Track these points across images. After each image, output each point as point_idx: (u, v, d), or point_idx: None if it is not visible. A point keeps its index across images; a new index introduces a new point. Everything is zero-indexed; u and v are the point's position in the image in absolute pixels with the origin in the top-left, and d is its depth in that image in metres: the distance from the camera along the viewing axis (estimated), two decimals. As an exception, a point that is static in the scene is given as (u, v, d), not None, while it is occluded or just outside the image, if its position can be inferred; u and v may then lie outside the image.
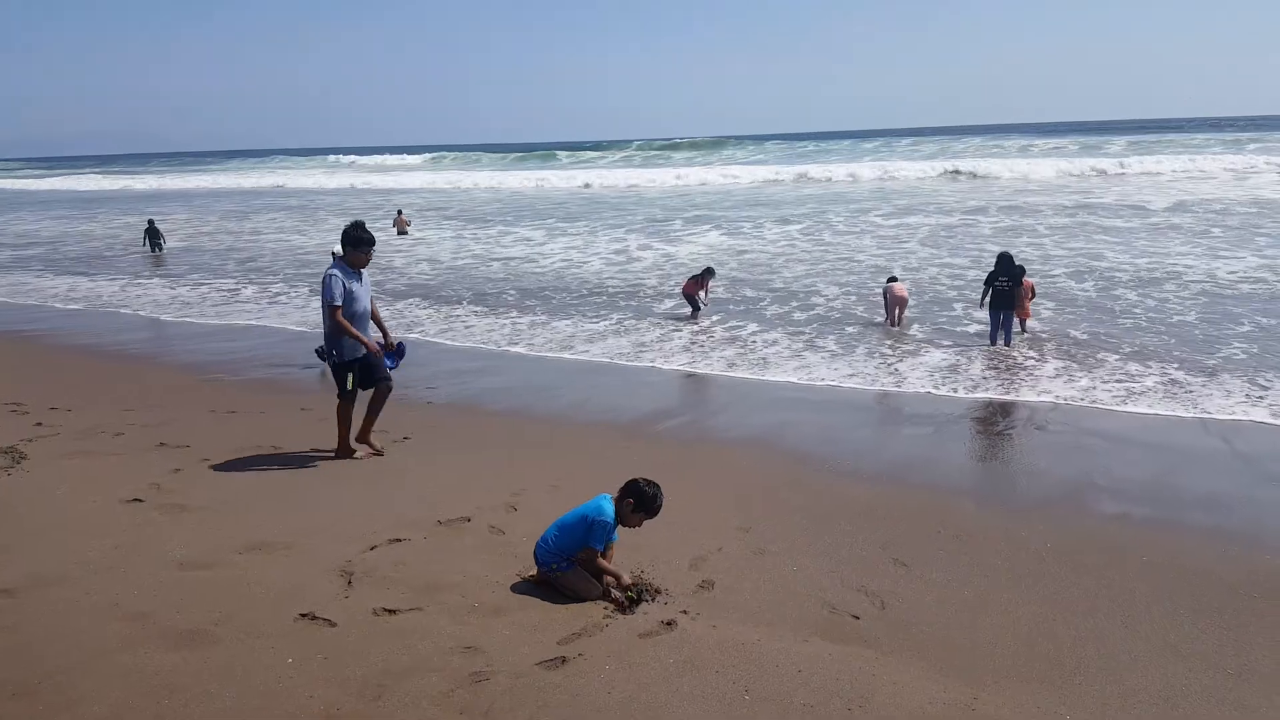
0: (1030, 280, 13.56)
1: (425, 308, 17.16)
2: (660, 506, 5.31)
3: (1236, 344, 12.29)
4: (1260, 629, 5.08)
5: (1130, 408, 9.60)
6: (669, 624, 4.87)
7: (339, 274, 7.61)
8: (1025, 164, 50.16)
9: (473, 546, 5.97)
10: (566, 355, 12.94)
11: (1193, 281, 17.02)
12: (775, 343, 13.39)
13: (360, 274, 7.80)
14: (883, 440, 9.04)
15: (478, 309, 16.91)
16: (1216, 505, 7.04)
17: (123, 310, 17.71)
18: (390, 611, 4.94)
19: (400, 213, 31.84)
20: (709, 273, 15.97)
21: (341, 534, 6.09)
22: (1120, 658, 4.75)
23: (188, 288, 20.45)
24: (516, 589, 5.29)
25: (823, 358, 12.41)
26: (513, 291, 18.66)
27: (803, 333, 13.99)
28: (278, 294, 19.24)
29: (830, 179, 50.94)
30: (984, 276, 13.62)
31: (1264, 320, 13.69)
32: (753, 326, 14.55)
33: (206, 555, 5.67)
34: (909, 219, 29.90)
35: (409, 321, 15.72)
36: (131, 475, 7.31)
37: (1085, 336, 13.08)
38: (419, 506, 6.70)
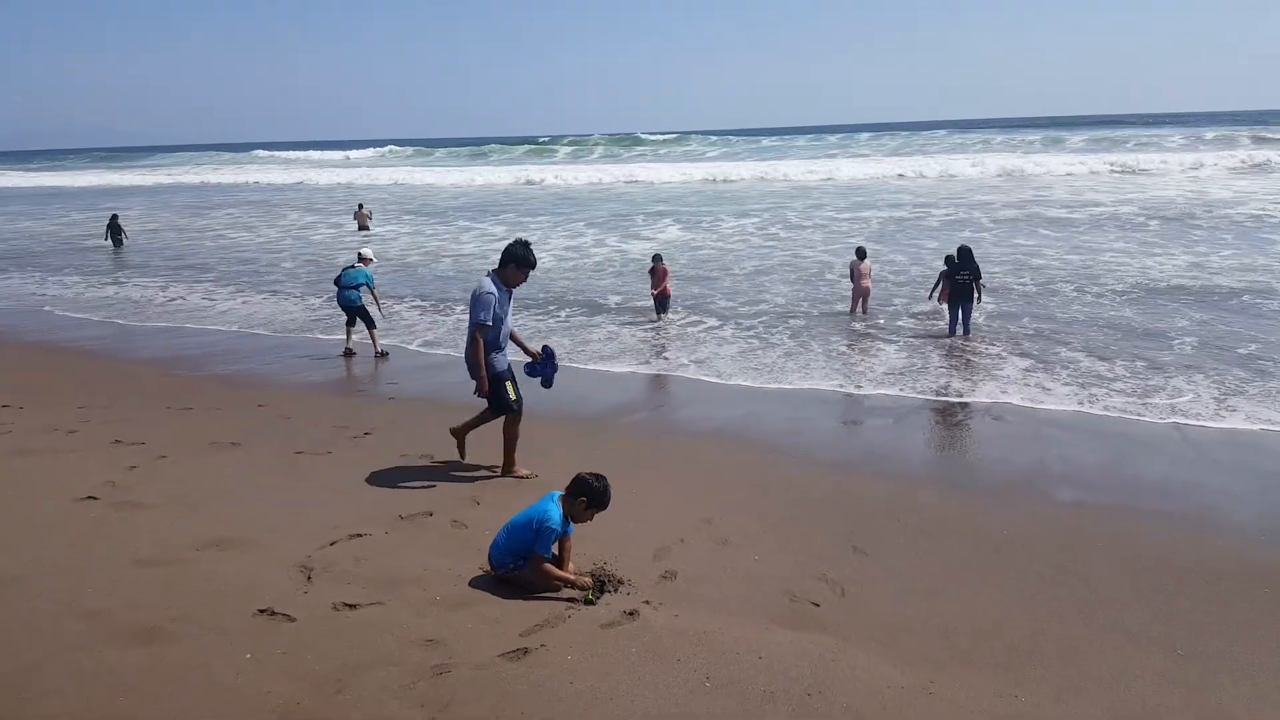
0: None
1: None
2: (610, 498, 5.36)
3: (1184, 338, 12.57)
4: (1209, 611, 5.22)
5: (1088, 408, 9.72)
6: (631, 614, 4.89)
7: (495, 294, 7.07)
8: (989, 159, 50.11)
9: (434, 541, 5.95)
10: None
11: (1129, 277, 17.34)
12: (733, 339, 13.42)
13: (510, 293, 7.34)
14: (845, 433, 9.14)
15: (421, 305, 16.79)
16: (1168, 492, 7.24)
17: (62, 311, 17.38)
18: (350, 606, 4.91)
19: (361, 206, 31.60)
20: (657, 259, 15.14)
21: (301, 530, 6.04)
22: (1075, 642, 4.85)
23: (123, 285, 20.21)
24: (478, 583, 5.28)
25: (780, 355, 12.45)
26: (459, 290, 18.21)
27: (759, 327, 14.05)
28: (231, 292, 18.95)
29: (786, 177, 50.23)
30: (933, 271, 13.82)
31: (1197, 315, 13.99)
32: (711, 321, 14.58)
33: (163, 552, 5.58)
34: (863, 213, 30.24)
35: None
36: (86, 473, 7.18)
37: (1031, 330, 13.34)
38: (380, 502, 6.67)
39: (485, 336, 7.05)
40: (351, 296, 12.62)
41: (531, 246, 7.30)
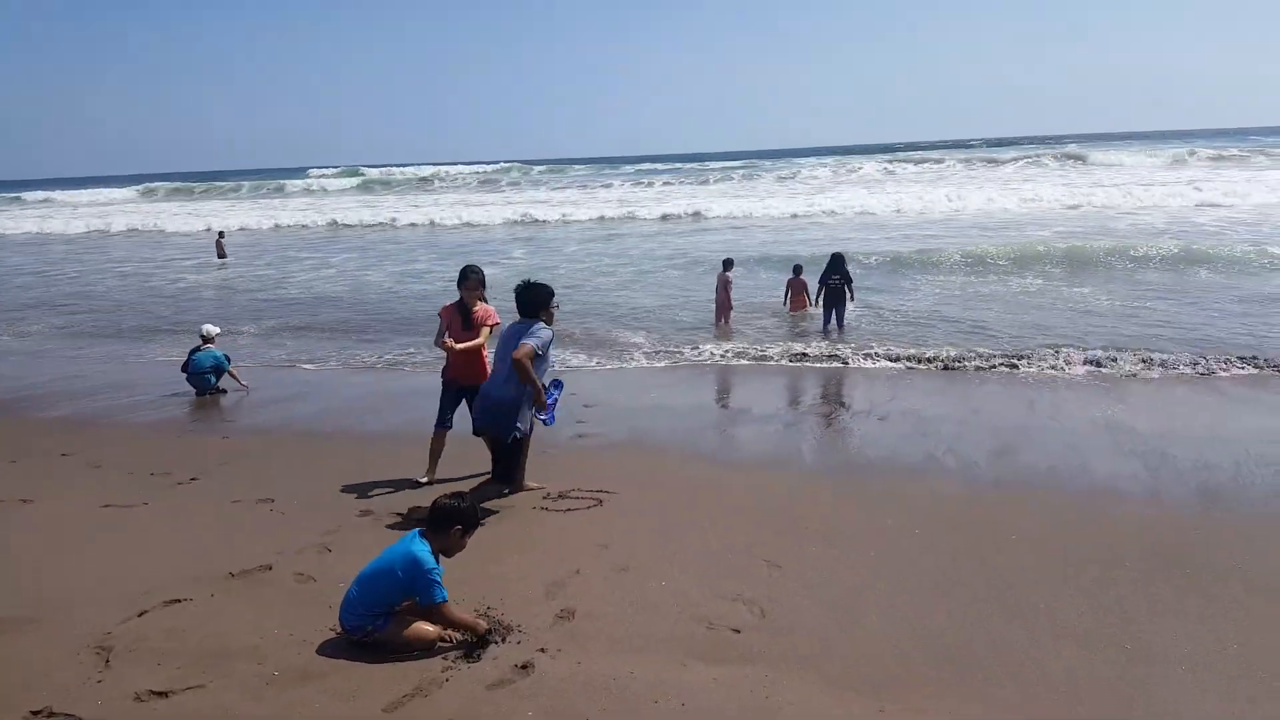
0: (805, 279, 14.94)
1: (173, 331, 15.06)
2: (479, 514, 4.73)
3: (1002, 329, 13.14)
4: (1134, 599, 4.85)
5: (967, 399, 9.59)
6: (524, 667, 4.06)
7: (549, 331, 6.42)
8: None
9: (274, 600, 4.92)
10: (363, 377, 11.77)
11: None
12: (609, 346, 12.83)
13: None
14: (735, 439, 8.50)
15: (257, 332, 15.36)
16: (1058, 477, 6.94)
17: None
18: (160, 694, 3.86)
19: (221, 235, 29.58)
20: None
21: (103, 599, 4.90)
22: (1014, 647, 4.35)
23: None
24: (329, 648, 4.31)
25: (658, 363, 11.97)
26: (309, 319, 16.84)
27: (632, 338, 13.48)
28: (56, 328, 16.76)
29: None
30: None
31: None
32: (576, 333, 13.86)
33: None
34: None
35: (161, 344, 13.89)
36: None
37: (896, 326, 13.66)
38: (206, 557, 5.55)
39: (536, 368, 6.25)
40: (207, 382, 10.90)
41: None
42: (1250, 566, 5.19)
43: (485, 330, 7.11)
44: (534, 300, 6.46)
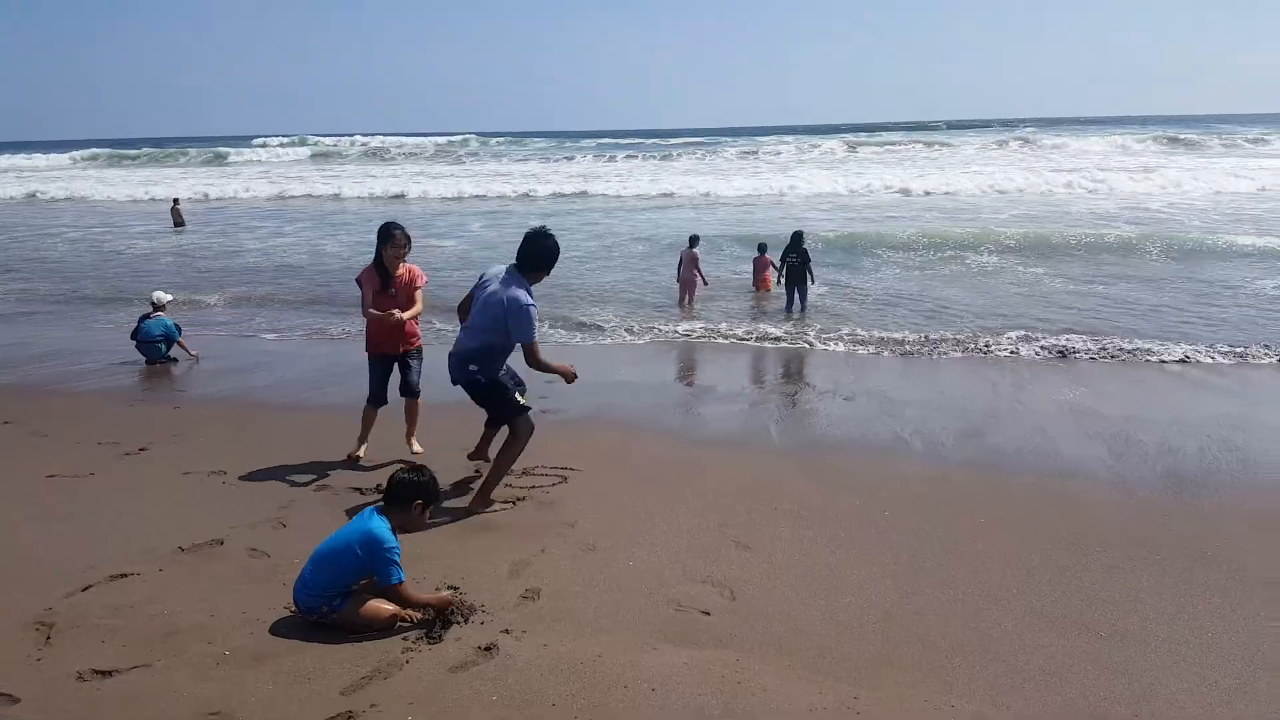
0: (770, 257, 14.87)
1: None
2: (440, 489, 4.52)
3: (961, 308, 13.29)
4: (1108, 582, 4.81)
5: (931, 379, 9.57)
6: (488, 649, 3.91)
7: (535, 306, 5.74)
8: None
9: (226, 576, 4.71)
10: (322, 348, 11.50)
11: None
12: (572, 322, 12.66)
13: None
14: (701, 417, 8.37)
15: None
16: (1026, 460, 6.92)
17: None
18: (103, 673, 3.66)
19: (176, 202, 28.76)
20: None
21: (44, 575, 4.67)
22: (991, 631, 4.29)
23: None
24: (282, 627, 4.13)
25: (621, 343, 11.83)
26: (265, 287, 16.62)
27: (591, 316, 13.25)
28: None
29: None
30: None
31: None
32: (555, 294, 13.68)
33: None
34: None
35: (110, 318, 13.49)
36: None
37: (858, 307, 13.76)
38: (155, 531, 5.33)
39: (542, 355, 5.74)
40: (158, 351, 10.52)
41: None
42: (1220, 553, 5.18)
43: (419, 294, 6.78)
44: (542, 256, 5.85)
